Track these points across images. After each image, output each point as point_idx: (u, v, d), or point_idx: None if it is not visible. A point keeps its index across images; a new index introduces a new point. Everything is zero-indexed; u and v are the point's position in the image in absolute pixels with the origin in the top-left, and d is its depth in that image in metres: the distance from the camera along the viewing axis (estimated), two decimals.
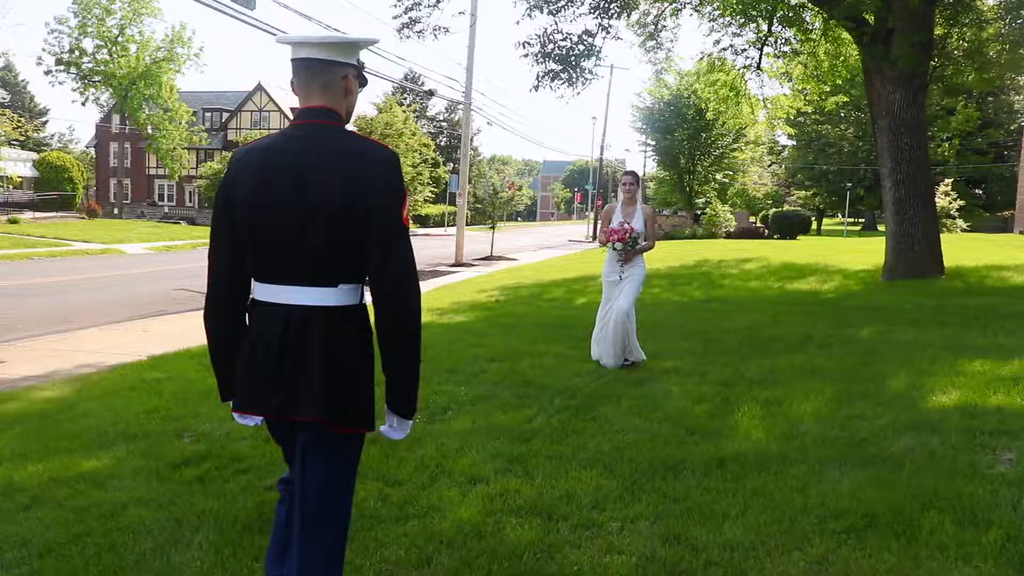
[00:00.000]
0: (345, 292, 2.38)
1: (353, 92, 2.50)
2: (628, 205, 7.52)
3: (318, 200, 2.32)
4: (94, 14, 50.80)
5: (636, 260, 7.49)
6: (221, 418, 6.09)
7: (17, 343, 10.69)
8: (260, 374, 2.39)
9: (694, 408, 5.73)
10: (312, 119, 2.41)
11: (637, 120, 37.57)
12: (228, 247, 2.47)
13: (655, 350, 8.15)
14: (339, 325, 2.37)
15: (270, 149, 2.42)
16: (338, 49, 2.43)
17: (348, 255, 2.35)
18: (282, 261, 2.38)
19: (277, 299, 2.39)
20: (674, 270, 17.51)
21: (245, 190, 2.41)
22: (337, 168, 2.33)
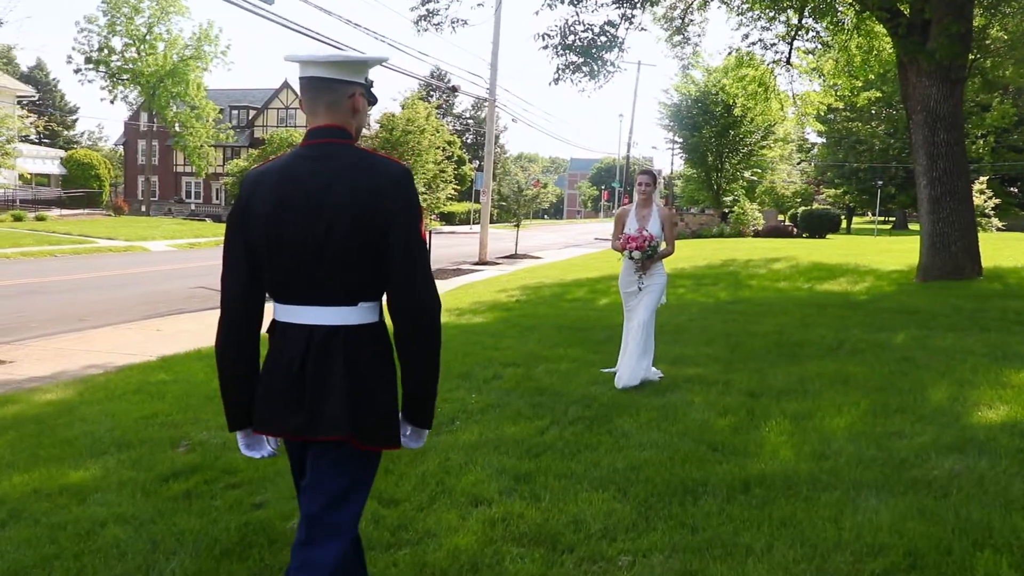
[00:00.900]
0: (365, 311, 2.37)
1: (361, 111, 2.48)
2: (644, 207, 6.86)
3: (336, 218, 2.31)
4: (123, 13, 51.16)
5: (655, 267, 6.83)
6: (220, 425, 5.85)
7: (29, 342, 10.57)
8: (280, 394, 2.38)
9: (717, 421, 5.34)
10: (324, 138, 2.40)
11: (664, 117, 37.05)
12: (244, 269, 2.44)
13: (678, 355, 7.77)
14: (360, 344, 2.36)
15: (286, 169, 2.41)
16: (345, 68, 2.41)
17: (367, 273, 2.34)
18: (302, 281, 2.37)
19: (298, 319, 2.39)
20: (700, 270, 17.06)
21: (263, 211, 2.39)
22: (353, 185, 2.32)
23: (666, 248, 6.91)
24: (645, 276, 6.78)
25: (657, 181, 7.13)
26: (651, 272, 6.80)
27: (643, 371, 6.58)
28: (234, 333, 2.47)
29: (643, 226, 6.71)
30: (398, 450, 2.47)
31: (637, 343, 6.62)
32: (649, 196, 6.88)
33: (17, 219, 36.06)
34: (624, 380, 6.50)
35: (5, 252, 23.90)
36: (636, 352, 6.59)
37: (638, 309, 6.80)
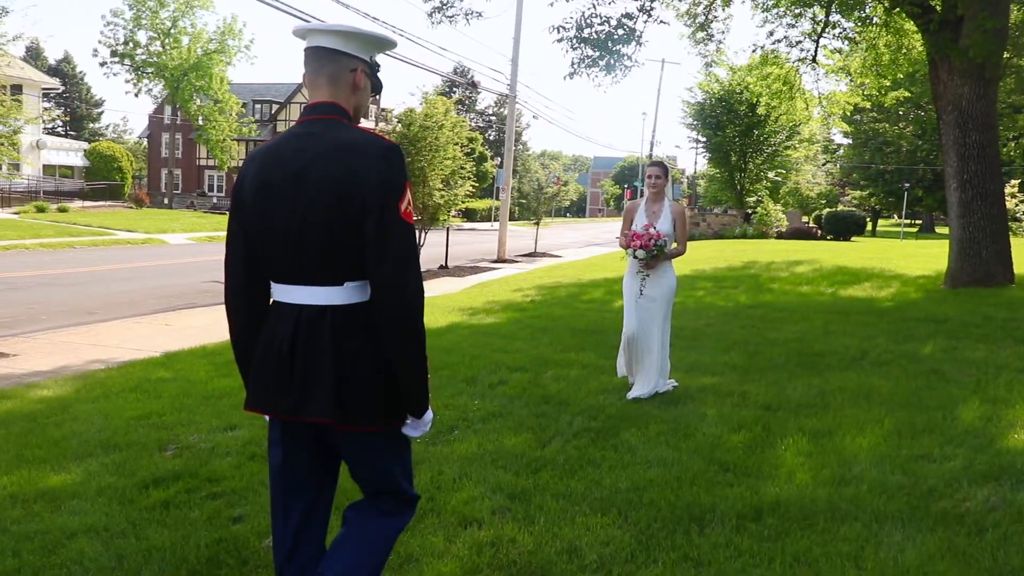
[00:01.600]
0: (352, 290, 2.32)
1: (362, 88, 2.42)
2: (654, 202, 6.35)
3: (314, 196, 2.27)
4: (148, 6, 51.35)
5: (663, 268, 6.29)
6: (212, 427, 5.67)
7: (36, 335, 10.46)
8: (270, 374, 2.38)
9: (731, 438, 5.00)
10: (316, 115, 2.37)
11: (687, 116, 36.55)
12: (241, 248, 2.46)
13: (693, 363, 7.45)
14: (348, 324, 2.31)
15: (275, 149, 2.39)
16: (349, 39, 2.37)
17: (350, 252, 2.28)
18: (288, 260, 2.35)
19: (289, 299, 2.37)
20: (720, 272, 16.65)
21: (250, 190, 2.39)
22: (333, 162, 2.27)
23: (677, 248, 6.41)
24: (651, 278, 6.26)
25: (669, 174, 6.58)
26: (658, 275, 6.26)
27: (657, 383, 6.25)
28: (237, 308, 2.52)
29: (653, 223, 6.21)
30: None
31: (654, 359, 6.22)
32: (660, 190, 6.37)
33: (40, 210, 36.25)
34: (636, 391, 6.19)
35: (25, 243, 23.95)
36: (653, 367, 6.22)
37: (651, 324, 6.27)
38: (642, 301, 6.33)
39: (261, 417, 2.64)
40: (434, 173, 19.21)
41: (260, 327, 2.47)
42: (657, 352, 6.23)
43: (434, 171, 19.16)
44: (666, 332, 6.41)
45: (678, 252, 6.42)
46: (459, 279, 19.08)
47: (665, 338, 6.37)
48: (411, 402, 2.39)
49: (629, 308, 6.39)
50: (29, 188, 41.60)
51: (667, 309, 6.37)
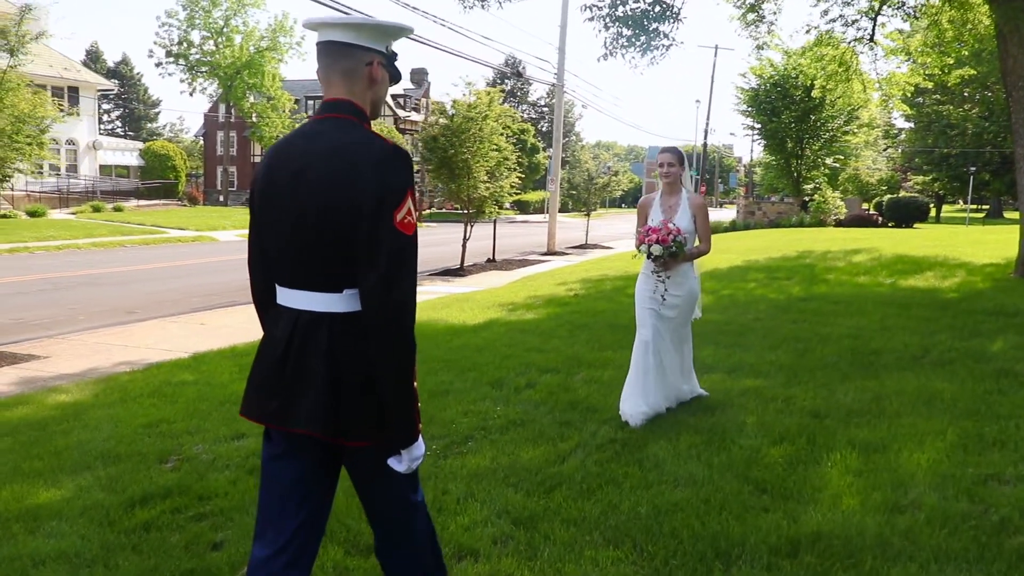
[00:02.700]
0: (351, 298, 2.19)
1: (379, 82, 2.29)
2: (670, 195, 5.55)
3: (310, 200, 2.18)
4: (201, 6, 51.89)
5: (683, 272, 5.44)
6: (219, 437, 5.40)
7: (71, 336, 10.39)
8: (262, 378, 2.31)
9: (770, 452, 4.48)
10: (328, 113, 2.26)
11: (741, 102, 35.49)
12: (256, 248, 2.40)
13: (737, 362, 6.92)
14: (345, 333, 2.20)
15: (281, 147, 2.32)
16: (362, 32, 2.24)
17: (348, 259, 2.16)
18: (288, 265, 2.27)
19: (289, 303, 2.29)
20: (774, 262, 15.92)
21: (258, 190, 2.33)
22: (330, 165, 2.17)
23: (700, 246, 5.55)
24: (669, 282, 5.40)
25: (685, 160, 5.69)
26: (677, 278, 5.42)
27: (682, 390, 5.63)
28: (259, 307, 2.47)
29: (669, 218, 5.43)
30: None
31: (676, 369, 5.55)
32: (676, 180, 5.53)
33: (96, 210, 36.90)
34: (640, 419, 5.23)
35: (78, 243, 24.25)
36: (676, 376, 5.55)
37: (666, 336, 5.48)
38: (655, 308, 5.49)
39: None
40: (478, 165, 18.79)
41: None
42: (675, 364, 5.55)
43: (478, 163, 18.74)
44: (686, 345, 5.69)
45: (701, 251, 5.57)
46: (506, 272, 18.70)
47: (687, 348, 5.69)
48: (395, 429, 2.19)
49: (642, 315, 5.55)
50: (86, 188, 42.38)
51: (687, 320, 5.61)
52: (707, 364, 6.86)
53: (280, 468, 2.32)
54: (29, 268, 18.29)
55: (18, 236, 24.07)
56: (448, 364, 7.30)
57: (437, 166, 18.67)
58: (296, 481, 2.31)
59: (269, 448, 2.36)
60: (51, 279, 16.42)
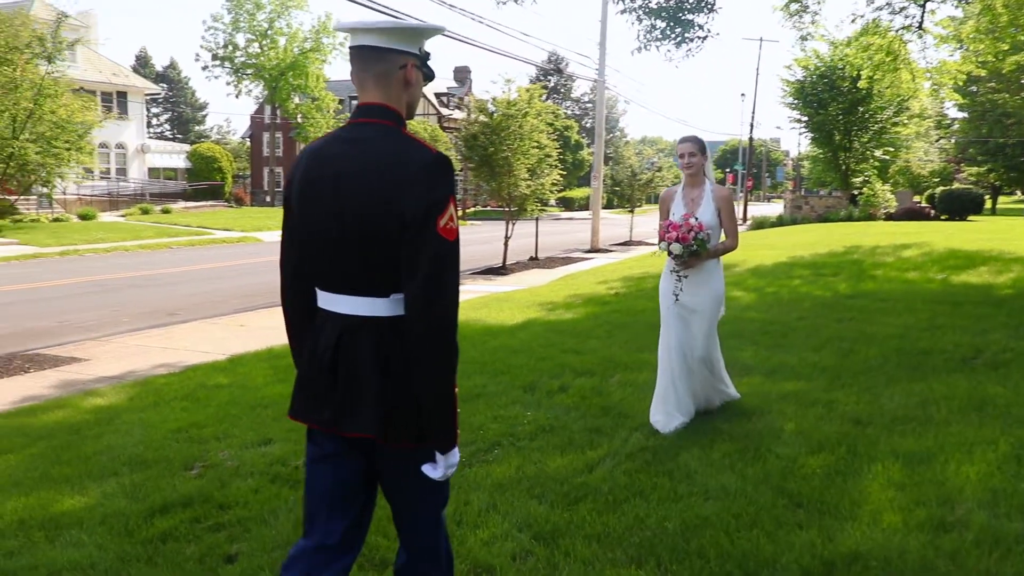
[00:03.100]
0: (397, 303, 2.21)
1: (414, 84, 2.30)
2: (692, 187, 5.17)
3: (355, 206, 2.18)
4: (246, 9, 52.57)
5: (707, 270, 5.10)
6: (246, 442, 5.34)
7: (113, 338, 10.49)
8: (313, 384, 2.32)
9: (808, 462, 4.26)
10: (364, 117, 2.26)
11: (787, 95, 34.76)
12: (289, 252, 2.40)
13: (778, 364, 6.68)
14: (392, 337, 2.22)
15: (320, 151, 2.31)
16: (395, 35, 2.23)
17: (392, 265, 2.17)
18: (331, 269, 2.27)
19: (333, 308, 2.29)
20: (820, 258, 15.52)
21: (296, 193, 2.31)
22: (375, 173, 2.17)
23: (725, 242, 5.18)
24: (691, 281, 5.07)
25: (707, 150, 5.29)
26: (700, 276, 5.07)
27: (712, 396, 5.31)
28: (289, 313, 2.46)
29: (691, 212, 5.08)
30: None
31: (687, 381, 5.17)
32: (698, 171, 5.15)
33: (144, 212, 37.52)
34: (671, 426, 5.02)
35: (125, 245, 24.64)
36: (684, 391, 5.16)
37: (694, 338, 5.16)
38: (678, 310, 5.21)
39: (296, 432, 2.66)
40: (519, 163, 18.63)
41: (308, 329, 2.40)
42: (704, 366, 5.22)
43: (519, 160, 18.58)
44: (715, 350, 5.31)
45: (727, 247, 5.19)
46: (548, 271, 18.53)
47: (715, 358, 5.31)
48: (435, 435, 2.21)
49: (666, 316, 5.33)
50: (135, 191, 43.16)
51: (712, 323, 5.21)
52: (747, 366, 6.65)
53: (328, 469, 2.35)
54: (77, 271, 18.61)
55: (68, 239, 24.54)
56: (482, 366, 7.18)
57: (478, 164, 18.57)
58: (343, 482, 2.34)
59: (314, 449, 2.38)
60: (98, 281, 16.67)
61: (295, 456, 4.99)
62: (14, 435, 6.00)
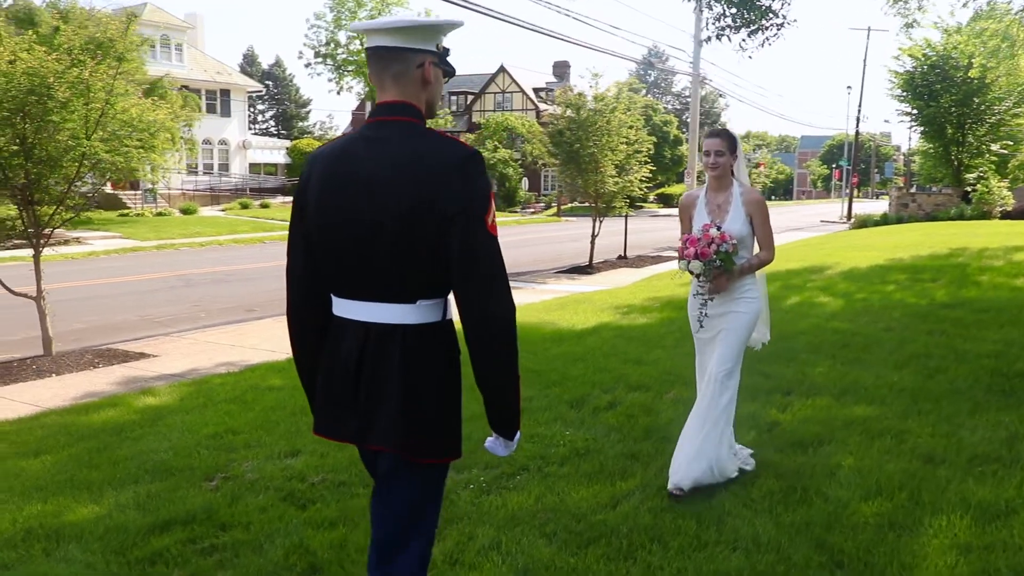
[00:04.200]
0: (425, 309, 2.17)
1: (433, 82, 2.24)
2: (717, 190, 4.32)
3: (386, 208, 2.11)
4: (347, 7, 53.54)
5: (740, 289, 4.26)
6: (274, 453, 5.18)
7: (187, 334, 10.64)
8: (337, 396, 2.26)
9: (860, 508, 3.71)
10: (386, 116, 2.21)
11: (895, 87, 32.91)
12: (301, 257, 2.31)
13: (851, 383, 6.08)
14: (419, 346, 2.17)
15: (341, 152, 2.24)
16: (410, 34, 2.19)
17: (424, 268, 2.13)
18: (354, 274, 2.20)
19: (353, 315, 2.22)
20: (921, 261, 14.46)
21: (314, 197, 2.24)
22: (406, 173, 2.11)
23: (760, 255, 4.32)
24: (717, 302, 4.24)
25: (737, 147, 4.35)
26: (730, 296, 4.24)
27: (707, 463, 4.08)
28: (296, 320, 2.39)
29: (718, 220, 4.25)
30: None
31: (699, 416, 4.22)
32: (725, 172, 4.28)
33: (244, 207, 38.62)
34: (676, 478, 4.09)
35: (220, 239, 25.31)
36: (695, 430, 4.18)
37: (713, 358, 4.28)
38: (701, 334, 4.42)
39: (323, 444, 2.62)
40: (606, 159, 18.16)
41: (317, 338, 2.33)
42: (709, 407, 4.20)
43: (606, 157, 18.11)
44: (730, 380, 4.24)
45: (762, 260, 4.33)
46: (635, 270, 17.99)
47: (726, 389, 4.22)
48: (502, 424, 2.26)
49: (700, 353, 4.54)
50: (236, 186, 44.50)
51: (735, 343, 4.26)
52: (815, 385, 6.08)
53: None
54: (169, 265, 19.15)
55: (168, 233, 25.39)
56: (536, 377, 6.83)
57: (565, 161, 18.21)
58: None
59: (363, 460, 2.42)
60: (185, 276, 17.07)
61: (316, 471, 4.79)
62: (59, 434, 6.02)
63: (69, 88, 8.03)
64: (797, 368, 6.69)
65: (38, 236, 8.75)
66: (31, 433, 6.12)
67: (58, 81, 7.91)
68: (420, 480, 2.24)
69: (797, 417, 5.25)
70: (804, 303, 10.51)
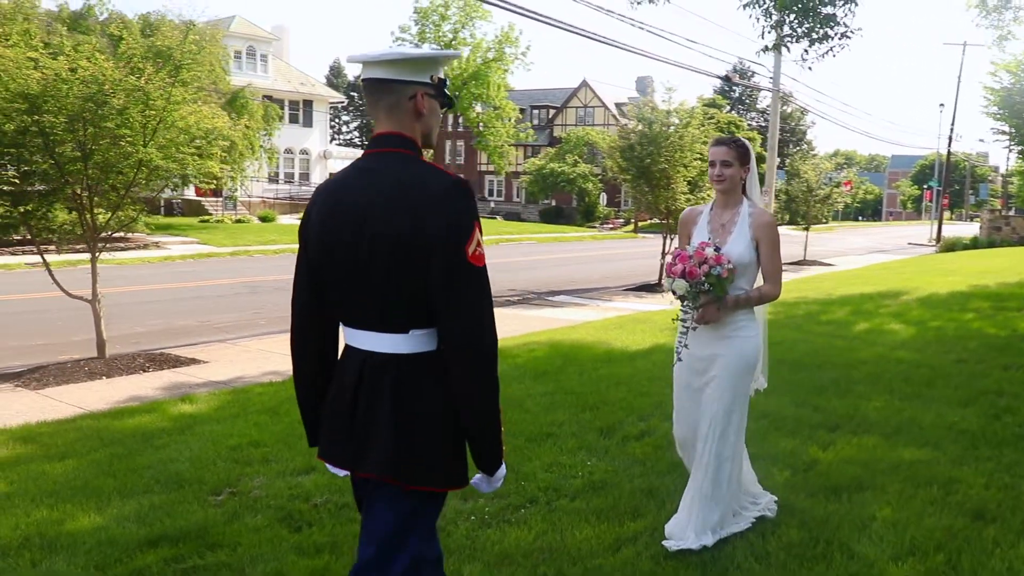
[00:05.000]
0: (418, 338, 2.18)
1: (427, 113, 2.26)
2: (724, 207, 3.78)
3: (375, 239, 2.13)
4: (432, 21, 54.24)
5: (733, 324, 3.69)
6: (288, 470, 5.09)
7: (241, 342, 10.71)
8: (335, 422, 2.30)
9: (888, 570, 3.27)
10: (380, 147, 2.24)
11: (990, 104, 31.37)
12: (306, 287, 2.35)
13: (905, 421, 5.62)
14: (412, 375, 2.18)
15: (337, 184, 2.30)
16: (401, 66, 2.21)
17: (413, 297, 2.14)
18: (352, 304, 2.24)
19: (356, 344, 2.27)
20: (1007, 288, 13.61)
21: (314, 229, 2.29)
22: (391, 202, 2.13)
23: (762, 288, 3.72)
24: (708, 332, 3.68)
25: (751, 156, 3.77)
26: (723, 329, 3.68)
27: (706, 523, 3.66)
28: (299, 348, 2.41)
29: (719, 240, 3.70)
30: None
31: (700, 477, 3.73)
32: (733, 187, 3.72)
33: None
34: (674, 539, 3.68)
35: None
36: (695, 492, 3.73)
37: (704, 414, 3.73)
38: (683, 373, 3.83)
39: None
40: (678, 175, 17.71)
41: (319, 371, 2.38)
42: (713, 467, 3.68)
43: (678, 172, 17.65)
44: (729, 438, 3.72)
45: (764, 296, 3.71)
46: None
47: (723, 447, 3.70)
48: (482, 459, 2.24)
49: (677, 395, 3.95)
50: None
51: (735, 394, 3.70)
52: (866, 421, 5.64)
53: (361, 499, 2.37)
54: (239, 271, 19.48)
55: (244, 240, 25.90)
56: (574, 399, 6.57)
57: (635, 176, 17.82)
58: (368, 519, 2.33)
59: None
60: (251, 283, 17.31)
61: (322, 492, 4.64)
62: (89, 438, 6.04)
63: (126, 96, 8.14)
64: (850, 401, 6.24)
65: (95, 240, 8.89)
66: (64, 436, 6.16)
67: (115, 89, 8.02)
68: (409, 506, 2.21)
69: (839, 457, 4.83)
70: (872, 330, 9.94)
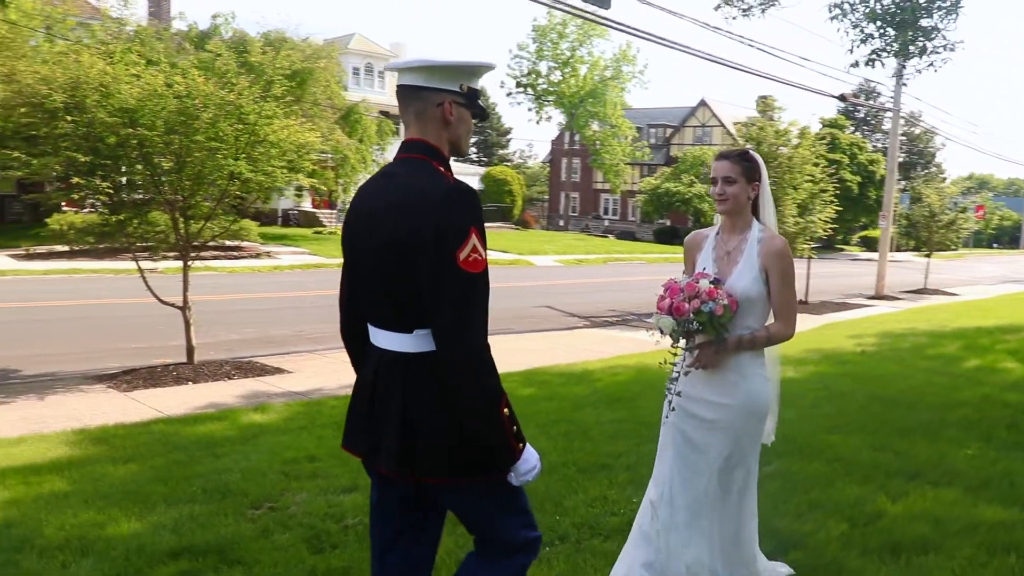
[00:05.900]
0: (422, 338, 2.22)
1: (455, 122, 2.31)
2: (730, 232, 3.27)
3: (383, 241, 2.24)
4: (550, 38, 54.70)
5: (736, 369, 3.18)
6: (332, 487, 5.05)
7: (329, 353, 10.84)
8: (356, 414, 2.42)
9: None
10: (405, 153, 2.32)
11: None
12: (346, 285, 2.48)
13: (999, 473, 5.16)
14: (418, 374, 2.24)
15: (365, 188, 2.40)
16: (430, 73, 2.26)
17: (414, 299, 2.20)
18: (371, 303, 2.35)
19: (375, 341, 2.36)
20: None
21: (345, 229, 2.42)
22: (396, 206, 2.22)
23: (771, 327, 3.20)
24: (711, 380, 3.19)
25: (760, 175, 3.26)
26: (720, 380, 3.18)
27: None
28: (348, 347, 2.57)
29: (723, 271, 3.22)
30: None
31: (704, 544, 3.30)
32: (740, 208, 3.22)
33: None
34: None
35: None
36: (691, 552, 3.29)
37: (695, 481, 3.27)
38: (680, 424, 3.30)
39: None
40: (787, 197, 17.01)
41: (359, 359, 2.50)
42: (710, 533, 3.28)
43: (787, 194, 16.96)
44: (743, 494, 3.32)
45: (773, 336, 3.19)
46: (812, 317, 16.51)
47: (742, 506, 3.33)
48: (491, 456, 2.24)
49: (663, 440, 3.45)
50: None
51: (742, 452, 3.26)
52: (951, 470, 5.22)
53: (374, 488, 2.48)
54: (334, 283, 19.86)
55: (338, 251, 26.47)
56: (642, 428, 6.35)
57: None
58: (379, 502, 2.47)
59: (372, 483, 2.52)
60: None
61: (356, 513, 4.57)
62: (157, 443, 6.16)
63: (217, 109, 8.39)
64: (938, 447, 5.74)
65: (187, 249, 9.18)
66: (135, 439, 6.29)
67: (206, 103, 8.28)
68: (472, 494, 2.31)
69: (908, 511, 4.40)
70: (983, 368, 9.22)
